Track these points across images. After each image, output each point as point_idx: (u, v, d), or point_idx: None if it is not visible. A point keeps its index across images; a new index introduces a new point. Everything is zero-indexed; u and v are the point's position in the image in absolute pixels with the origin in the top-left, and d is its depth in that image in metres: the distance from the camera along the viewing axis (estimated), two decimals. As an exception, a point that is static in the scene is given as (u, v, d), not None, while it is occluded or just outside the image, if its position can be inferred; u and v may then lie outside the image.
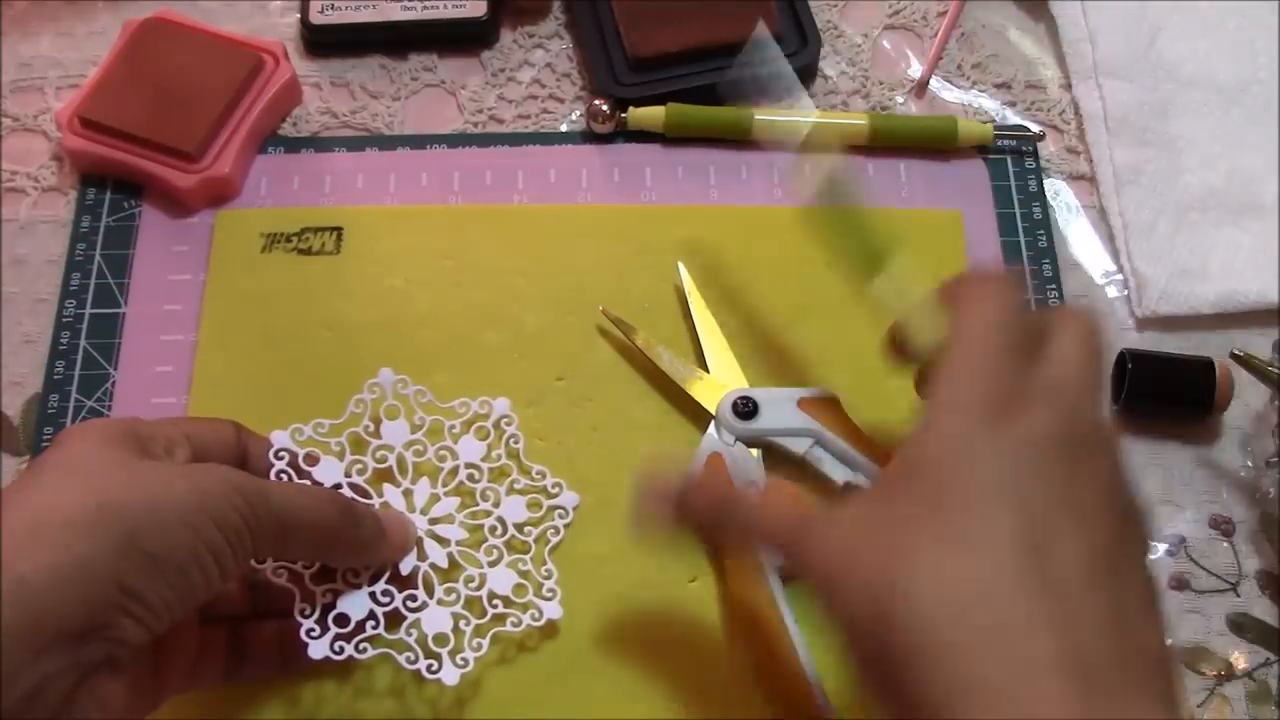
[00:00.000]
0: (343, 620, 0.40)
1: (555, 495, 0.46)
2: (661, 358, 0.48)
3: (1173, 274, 0.52)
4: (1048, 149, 0.56)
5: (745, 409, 0.46)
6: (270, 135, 0.55)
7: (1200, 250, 0.53)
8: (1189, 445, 0.50)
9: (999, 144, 0.55)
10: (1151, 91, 0.57)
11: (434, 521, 0.44)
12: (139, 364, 0.50)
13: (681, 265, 0.51)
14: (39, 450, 0.48)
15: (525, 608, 0.43)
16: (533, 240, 0.52)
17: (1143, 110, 0.56)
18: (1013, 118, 0.57)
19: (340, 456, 0.44)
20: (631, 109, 0.54)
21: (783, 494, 0.37)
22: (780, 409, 0.46)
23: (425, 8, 0.57)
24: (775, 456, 0.47)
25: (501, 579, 0.44)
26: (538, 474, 0.46)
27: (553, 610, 0.44)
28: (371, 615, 0.41)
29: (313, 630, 0.39)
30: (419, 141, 0.55)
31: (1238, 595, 0.47)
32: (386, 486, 0.44)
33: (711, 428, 0.47)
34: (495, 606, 0.43)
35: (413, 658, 0.41)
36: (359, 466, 0.44)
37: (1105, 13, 0.58)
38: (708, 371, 0.48)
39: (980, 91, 0.58)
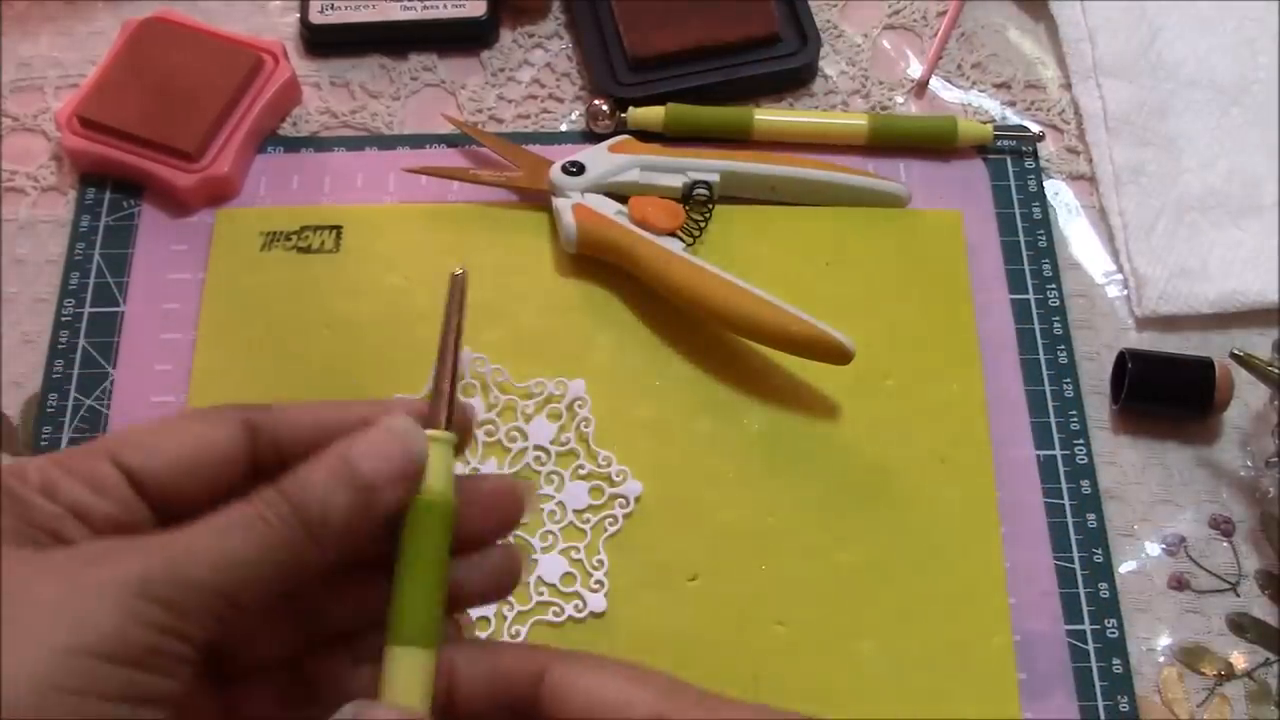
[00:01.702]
0: None
1: (619, 484, 0.46)
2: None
3: (1172, 274, 0.52)
4: (1047, 149, 0.56)
5: (573, 169, 0.51)
6: (270, 135, 0.55)
7: (1200, 250, 0.53)
8: (1189, 445, 0.50)
9: (999, 144, 0.55)
10: (1151, 91, 0.57)
11: None
12: (138, 363, 0.50)
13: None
14: (39, 448, 0.48)
15: (570, 598, 0.44)
16: (533, 239, 0.52)
17: (1142, 110, 0.56)
18: (1013, 118, 0.57)
19: None
20: (631, 109, 0.54)
21: None
22: (598, 158, 0.52)
23: (425, 7, 0.57)
24: (619, 197, 0.51)
25: (551, 566, 0.44)
26: (604, 460, 0.46)
27: (597, 603, 0.44)
28: None
29: None
30: (418, 141, 0.55)
31: (1237, 595, 0.47)
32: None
33: (555, 201, 0.51)
34: (541, 594, 0.44)
35: None
36: None
37: (1105, 13, 0.58)
38: None
39: (980, 91, 0.58)
